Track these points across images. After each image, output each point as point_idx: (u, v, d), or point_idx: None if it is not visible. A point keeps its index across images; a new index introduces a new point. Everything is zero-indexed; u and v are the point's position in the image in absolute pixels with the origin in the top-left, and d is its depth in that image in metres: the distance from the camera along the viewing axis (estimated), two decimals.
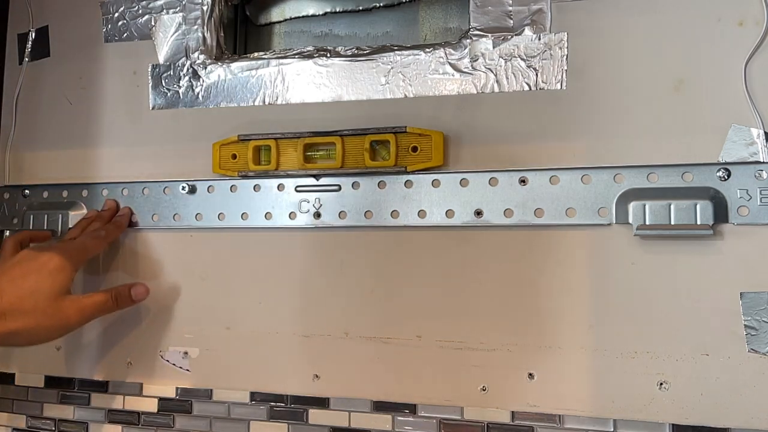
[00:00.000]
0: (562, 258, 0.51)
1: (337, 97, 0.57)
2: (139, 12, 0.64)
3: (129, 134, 0.63)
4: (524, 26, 0.53)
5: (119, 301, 0.56)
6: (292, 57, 0.59)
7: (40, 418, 0.65)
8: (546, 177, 0.51)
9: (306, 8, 0.68)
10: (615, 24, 0.51)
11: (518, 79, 0.53)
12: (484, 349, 0.52)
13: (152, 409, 0.61)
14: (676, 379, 0.48)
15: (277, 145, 0.57)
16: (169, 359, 0.60)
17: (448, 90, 0.54)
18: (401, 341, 0.54)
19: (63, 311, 0.52)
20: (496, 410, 0.52)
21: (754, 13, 0.48)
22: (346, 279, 0.56)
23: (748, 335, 0.46)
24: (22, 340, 0.52)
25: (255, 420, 0.58)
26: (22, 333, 0.51)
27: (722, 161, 0.48)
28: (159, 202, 0.61)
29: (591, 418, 0.49)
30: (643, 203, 0.49)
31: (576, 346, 0.50)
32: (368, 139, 0.55)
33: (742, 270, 0.47)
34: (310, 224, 0.57)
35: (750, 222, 0.47)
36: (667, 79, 0.49)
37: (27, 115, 0.67)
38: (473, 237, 0.53)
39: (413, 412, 0.54)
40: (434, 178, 0.54)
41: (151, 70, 0.63)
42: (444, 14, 0.64)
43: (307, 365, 0.56)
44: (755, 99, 0.47)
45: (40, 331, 0.52)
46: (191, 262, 0.60)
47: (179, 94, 0.62)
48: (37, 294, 0.51)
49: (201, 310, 0.60)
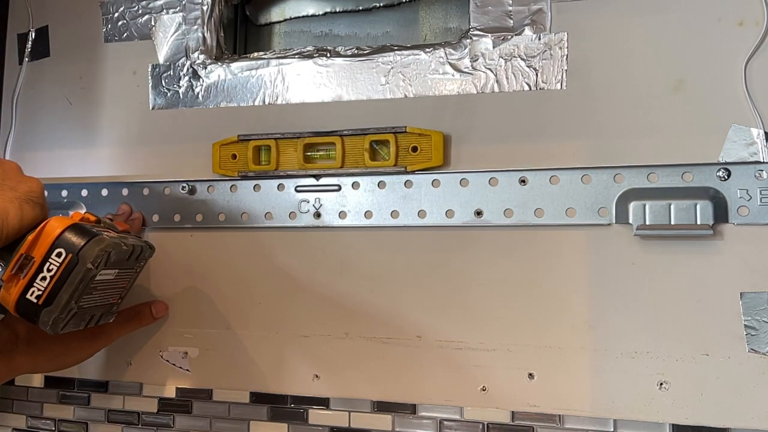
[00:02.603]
0: (562, 258, 0.51)
1: (337, 97, 0.57)
2: (139, 12, 0.64)
3: (129, 134, 0.63)
4: (524, 26, 0.53)
5: (142, 319, 0.58)
6: (292, 57, 0.59)
7: (40, 418, 0.65)
8: (546, 177, 0.51)
9: (306, 8, 0.68)
10: (615, 24, 0.51)
11: (518, 79, 0.53)
12: (484, 349, 0.52)
13: (152, 409, 0.61)
14: (676, 379, 0.48)
15: (277, 145, 0.57)
16: (169, 359, 0.60)
17: (448, 90, 0.54)
18: (401, 341, 0.54)
19: (89, 334, 0.54)
20: (496, 410, 0.52)
21: (754, 13, 0.48)
22: (346, 279, 0.56)
23: (748, 335, 0.47)
24: (50, 366, 0.53)
25: (255, 420, 0.58)
26: (51, 360, 0.52)
27: (722, 161, 0.48)
28: (159, 202, 0.61)
29: (591, 418, 0.49)
30: (643, 203, 0.49)
31: (576, 346, 0.50)
32: (368, 139, 0.55)
33: (742, 270, 0.47)
34: (310, 224, 0.57)
35: (750, 222, 0.47)
36: (667, 79, 0.49)
37: (27, 115, 0.67)
38: (473, 237, 0.53)
39: (413, 412, 0.54)
40: (434, 178, 0.54)
41: (151, 70, 0.63)
42: (444, 14, 0.64)
43: (307, 365, 0.56)
44: (755, 99, 0.47)
45: (68, 356, 0.53)
46: (191, 262, 0.60)
47: (179, 94, 0.62)
48: None
49: (201, 310, 0.60)
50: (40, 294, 0.41)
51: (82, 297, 0.43)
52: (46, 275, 0.41)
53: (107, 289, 0.47)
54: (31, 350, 0.50)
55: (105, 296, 0.47)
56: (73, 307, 0.43)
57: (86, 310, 0.45)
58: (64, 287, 0.41)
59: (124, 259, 0.46)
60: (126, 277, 0.49)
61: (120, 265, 0.46)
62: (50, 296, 0.41)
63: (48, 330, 0.42)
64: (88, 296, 0.44)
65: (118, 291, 0.49)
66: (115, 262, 0.45)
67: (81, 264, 0.42)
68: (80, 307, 0.44)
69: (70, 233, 0.42)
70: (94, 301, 0.46)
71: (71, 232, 0.42)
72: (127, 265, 0.48)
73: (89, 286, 0.43)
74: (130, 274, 0.50)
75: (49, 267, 0.41)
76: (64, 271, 0.41)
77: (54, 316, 0.42)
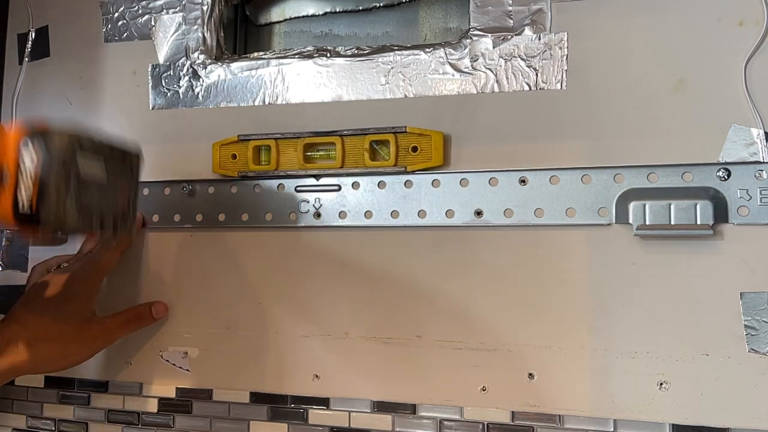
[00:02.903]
0: (562, 258, 0.51)
1: (337, 97, 0.57)
2: (139, 12, 0.64)
3: (129, 134, 0.63)
4: (524, 26, 0.53)
5: (142, 320, 0.58)
6: (292, 57, 0.59)
7: (40, 418, 0.65)
8: (546, 177, 0.51)
9: (306, 8, 0.68)
10: (615, 24, 0.51)
11: (518, 79, 0.53)
12: (484, 349, 0.52)
13: (152, 409, 0.61)
14: (676, 379, 0.48)
15: (277, 145, 0.57)
16: (169, 359, 0.60)
17: (448, 90, 0.54)
18: (401, 341, 0.54)
19: (89, 335, 0.54)
20: (496, 410, 0.52)
21: (754, 13, 0.48)
22: (346, 279, 0.56)
23: (748, 335, 0.47)
24: (51, 367, 0.53)
25: (255, 420, 0.58)
26: (50, 361, 0.52)
27: (722, 161, 0.48)
28: (159, 202, 0.61)
29: (591, 418, 0.49)
30: (643, 203, 0.49)
31: (576, 346, 0.50)
32: (368, 139, 0.55)
33: (742, 270, 0.47)
34: (310, 224, 0.57)
35: (750, 222, 0.47)
36: (667, 79, 0.49)
37: (27, 115, 0.67)
38: (473, 237, 0.53)
39: (413, 412, 0.54)
40: (434, 178, 0.54)
41: (151, 70, 0.63)
42: (444, 14, 0.64)
43: (307, 365, 0.56)
44: (755, 99, 0.47)
45: (68, 356, 0.53)
46: (191, 262, 0.60)
47: (179, 94, 0.62)
48: (62, 321, 0.52)
49: (201, 310, 0.60)
50: (30, 200, 0.41)
51: (76, 191, 0.43)
52: (26, 182, 0.42)
53: (106, 188, 0.47)
54: (31, 351, 0.50)
55: (108, 197, 0.47)
56: (70, 201, 0.43)
57: (91, 208, 0.45)
58: (48, 184, 0.42)
59: (102, 149, 0.46)
60: (122, 179, 0.49)
61: (101, 152, 0.46)
62: (40, 197, 0.42)
63: (58, 227, 0.42)
64: (85, 192, 0.44)
65: (123, 195, 0.49)
66: (91, 149, 0.45)
67: (54, 158, 0.42)
68: (82, 204, 0.44)
69: (31, 137, 0.42)
70: (95, 198, 0.46)
71: (32, 136, 0.42)
72: (114, 163, 0.48)
73: (79, 180, 0.43)
74: (126, 177, 0.50)
75: (24, 175, 0.42)
76: (42, 171, 0.42)
77: (52, 212, 0.42)
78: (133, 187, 0.51)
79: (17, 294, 0.62)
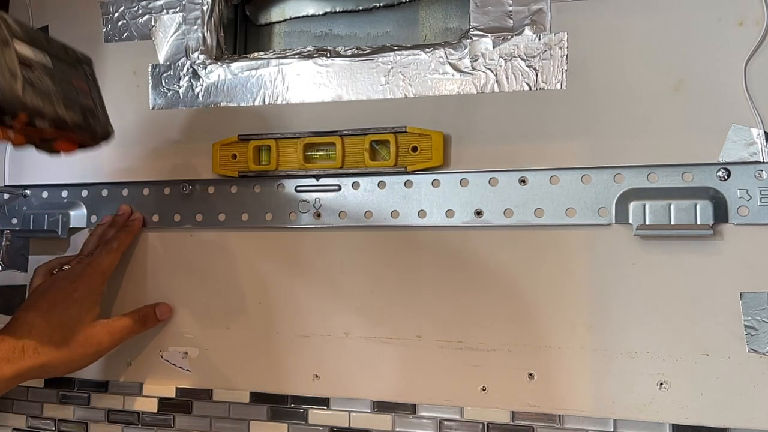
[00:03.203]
0: (562, 258, 0.51)
1: (337, 97, 0.57)
2: (139, 12, 0.64)
3: (129, 134, 0.63)
4: (524, 26, 0.53)
5: (146, 321, 0.58)
6: (292, 57, 0.59)
7: (40, 418, 0.65)
8: (546, 177, 0.51)
9: (306, 8, 0.68)
10: (615, 24, 0.51)
11: (518, 79, 0.53)
12: (484, 349, 0.52)
13: (152, 409, 0.61)
14: (676, 379, 0.48)
15: (277, 145, 0.57)
16: (169, 359, 0.60)
17: (448, 90, 0.54)
18: (401, 341, 0.54)
19: (94, 338, 0.54)
20: (496, 410, 0.52)
21: (754, 13, 0.48)
22: (346, 279, 0.56)
23: (748, 335, 0.47)
24: (57, 371, 0.52)
25: (255, 420, 0.58)
26: (57, 365, 0.51)
27: (722, 161, 0.48)
28: (159, 202, 0.61)
29: (591, 418, 0.49)
30: (643, 203, 0.49)
31: (576, 346, 0.50)
32: (368, 139, 0.55)
33: (742, 270, 0.47)
34: (310, 224, 0.57)
35: (750, 222, 0.47)
36: (667, 79, 0.49)
37: None
38: (473, 237, 0.53)
39: (413, 412, 0.54)
40: (434, 178, 0.54)
41: (151, 70, 0.63)
42: (444, 14, 0.64)
43: (307, 365, 0.56)
44: (755, 99, 0.47)
45: (74, 360, 0.53)
46: (191, 262, 0.60)
47: (179, 94, 0.62)
48: (67, 325, 0.52)
49: (201, 310, 0.60)
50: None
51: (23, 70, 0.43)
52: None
53: (54, 73, 0.46)
54: (38, 359, 0.49)
55: (63, 83, 0.47)
56: (20, 81, 0.42)
57: (47, 90, 0.45)
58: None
59: (38, 39, 0.46)
60: (77, 77, 0.49)
61: (38, 45, 0.46)
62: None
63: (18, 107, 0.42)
64: (31, 71, 0.44)
65: (83, 92, 0.49)
66: (26, 36, 0.45)
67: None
68: (33, 83, 0.43)
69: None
70: (47, 81, 0.45)
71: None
72: (59, 57, 0.47)
73: (21, 60, 0.43)
74: (81, 78, 0.50)
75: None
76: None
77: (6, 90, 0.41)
78: (93, 89, 0.51)
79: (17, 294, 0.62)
